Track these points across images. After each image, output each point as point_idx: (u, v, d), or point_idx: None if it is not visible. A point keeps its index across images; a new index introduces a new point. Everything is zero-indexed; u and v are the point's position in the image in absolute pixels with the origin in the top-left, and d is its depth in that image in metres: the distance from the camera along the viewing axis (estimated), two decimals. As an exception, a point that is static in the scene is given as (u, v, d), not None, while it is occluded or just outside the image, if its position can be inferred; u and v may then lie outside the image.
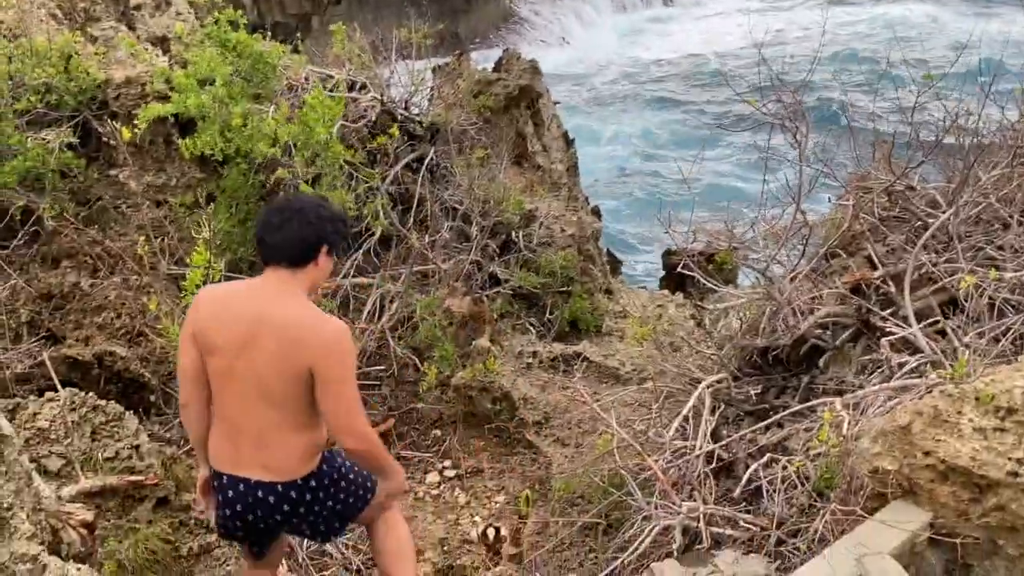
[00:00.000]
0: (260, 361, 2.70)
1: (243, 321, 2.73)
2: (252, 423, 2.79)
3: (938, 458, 2.81)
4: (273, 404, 2.75)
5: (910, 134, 4.14)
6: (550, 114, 7.83)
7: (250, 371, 2.73)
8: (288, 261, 2.75)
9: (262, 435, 2.79)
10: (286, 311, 2.71)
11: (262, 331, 2.70)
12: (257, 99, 5.46)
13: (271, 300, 2.74)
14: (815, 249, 4.26)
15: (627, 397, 4.77)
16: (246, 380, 2.74)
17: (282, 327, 2.69)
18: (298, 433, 2.80)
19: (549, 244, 6.30)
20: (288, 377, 2.70)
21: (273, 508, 2.83)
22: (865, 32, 33.34)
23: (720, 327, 5.18)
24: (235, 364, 2.74)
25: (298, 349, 2.67)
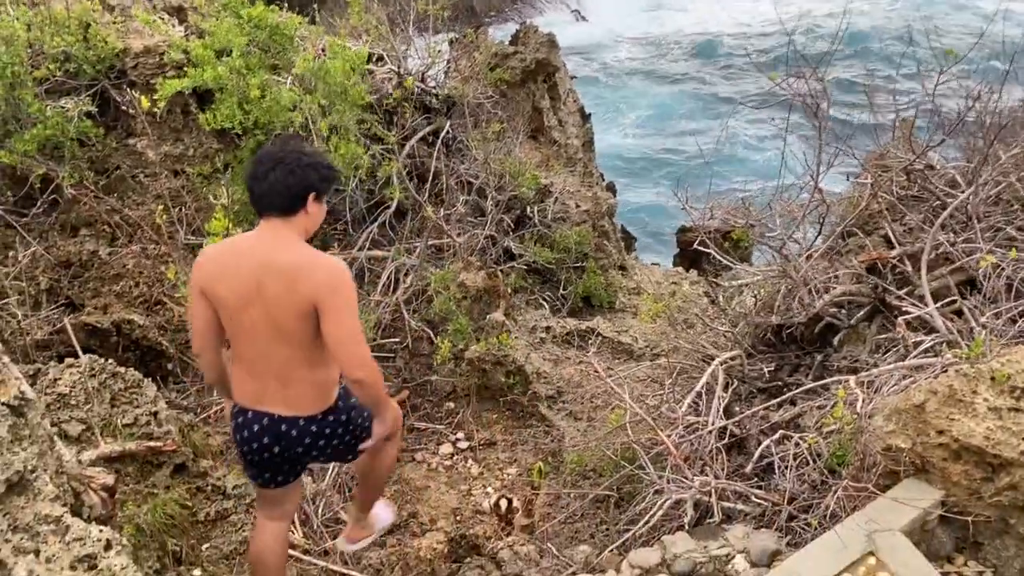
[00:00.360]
0: (270, 305, 2.85)
1: (247, 272, 2.86)
2: (271, 363, 2.95)
3: (952, 437, 2.81)
4: (288, 343, 2.90)
5: (931, 113, 4.10)
6: (566, 89, 7.79)
7: (261, 316, 2.87)
8: (278, 210, 2.86)
9: (282, 373, 2.95)
10: (285, 256, 2.84)
11: (267, 278, 2.83)
12: (274, 70, 5.46)
13: (270, 248, 2.86)
14: (832, 228, 4.24)
15: (640, 373, 4.79)
16: (259, 324, 2.89)
17: (283, 271, 2.82)
18: (313, 369, 2.96)
19: (564, 219, 6.30)
20: (296, 315, 2.83)
21: (295, 440, 3.02)
22: (888, 10, 32.89)
23: (734, 304, 5.17)
24: (246, 312, 2.88)
25: (300, 287, 2.81)
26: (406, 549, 3.82)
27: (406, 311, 5.02)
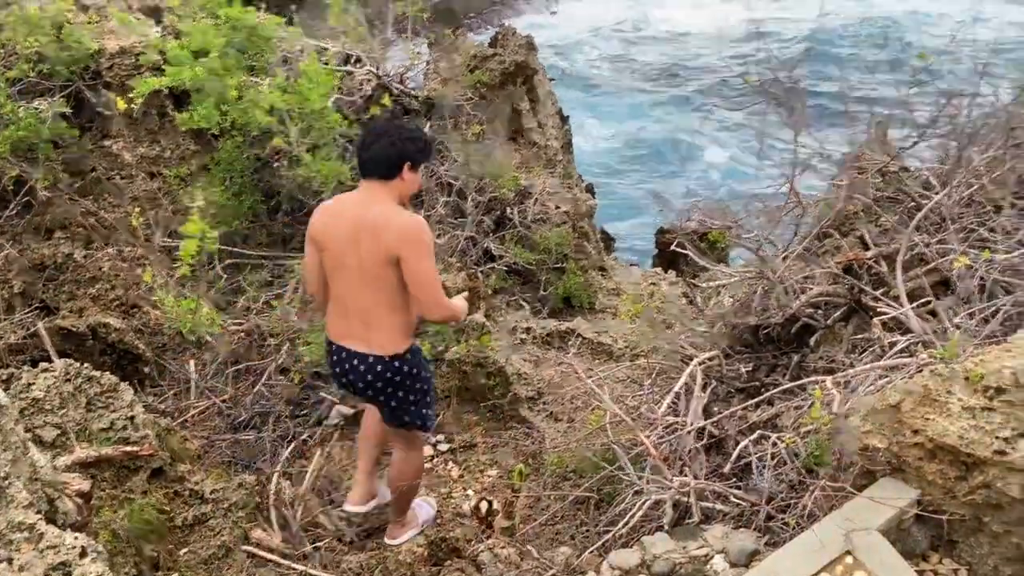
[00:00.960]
0: (361, 254, 3.36)
1: (346, 225, 3.40)
2: (359, 304, 3.46)
3: (927, 436, 2.85)
4: (373, 288, 3.41)
5: (905, 115, 4.15)
6: (545, 91, 7.80)
7: (354, 262, 3.39)
8: (378, 175, 3.38)
9: (366, 314, 3.46)
10: (377, 213, 3.34)
11: (361, 231, 3.35)
12: (252, 71, 5.43)
13: (367, 206, 3.38)
14: (808, 229, 4.28)
15: (620, 373, 4.81)
16: (352, 270, 3.42)
17: (374, 225, 3.32)
18: (393, 313, 3.46)
19: (544, 221, 6.31)
20: (382, 263, 3.34)
21: (363, 374, 3.51)
22: (863, 14, 33.23)
23: (712, 305, 5.20)
24: (342, 258, 3.42)
25: (386, 240, 3.30)
26: (385, 553, 3.81)
27: (385, 313, 5.00)
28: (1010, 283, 3.59)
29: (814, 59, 3.94)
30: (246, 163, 5.34)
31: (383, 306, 3.43)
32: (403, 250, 3.29)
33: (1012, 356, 2.87)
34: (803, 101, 4.02)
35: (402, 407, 3.61)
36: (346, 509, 4.04)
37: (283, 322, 4.88)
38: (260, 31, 5.44)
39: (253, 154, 5.34)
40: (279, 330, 4.86)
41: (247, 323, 4.96)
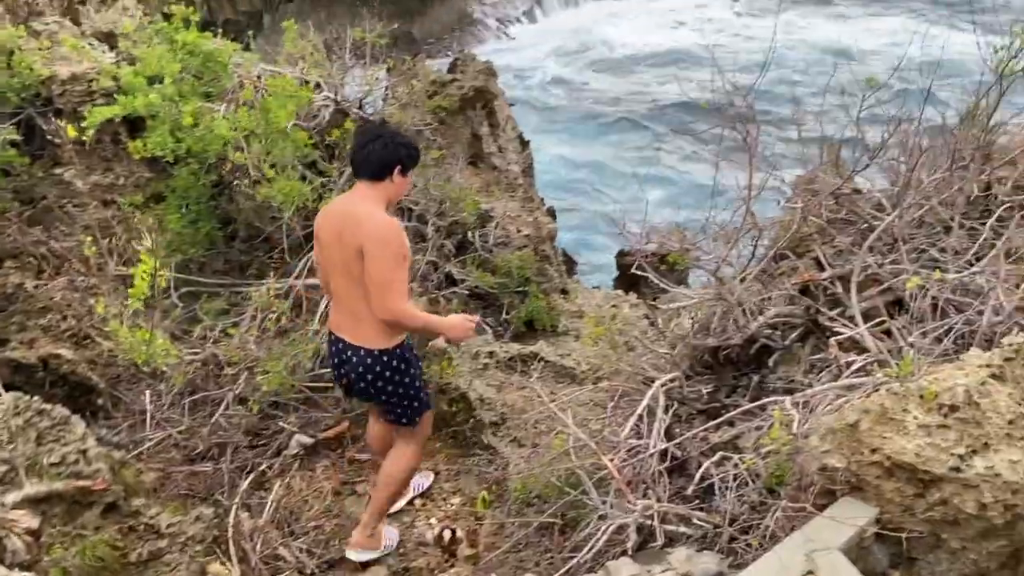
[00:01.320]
0: (345, 248, 3.53)
1: (335, 220, 3.62)
2: (347, 297, 3.64)
3: (884, 455, 2.88)
4: (356, 282, 3.54)
5: (856, 138, 4.23)
6: (505, 115, 7.85)
7: (341, 257, 3.57)
8: (369, 176, 3.58)
9: (354, 307, 3.62)
10: (360, 210, 3.54)
11: (345, 227, 3.54)
12: (208, 98, 5.38)
13: (354, 203, 3.60)
14: (765, 250, 4.33)
15: (583, 397, 4.80)
16: (339, 264, 3.60)
17: (355, 221, 3.51)
18: (372, 305, 3.52)
19: (505, 244, 6.32)
20: (356, 257, 3.48)
21: (354, 366, 3.66)
22: (814, 39, 34.12)
23: (673, 327, 5.23)
24: (333, 253, 3.63)
25: (359, 234, 3.47)
26: (348, 585, 3.75)
27: (346, 340, 4.95)
28: (962, 302, 3.66)
29: (767, 83, 4.02)
30: (202, 190, 5.27)
31: (364, 299, 3.54)
32: (367, 245, 3.44)
33: (964, 374, 2.93)
34: (757, 125, 4.09)
35: (391, 402, 3.76)
36: None
37: (241, 350, 4.81)
38: (216, 56, 5.40)
39: (210, 180, 5.28)
40: (237, 359, 4.79)
41: (204, 352, 4.88)
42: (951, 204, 4.16)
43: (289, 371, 4.65)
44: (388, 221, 3.54)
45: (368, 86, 6.03)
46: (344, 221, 3.57)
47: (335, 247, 3.60)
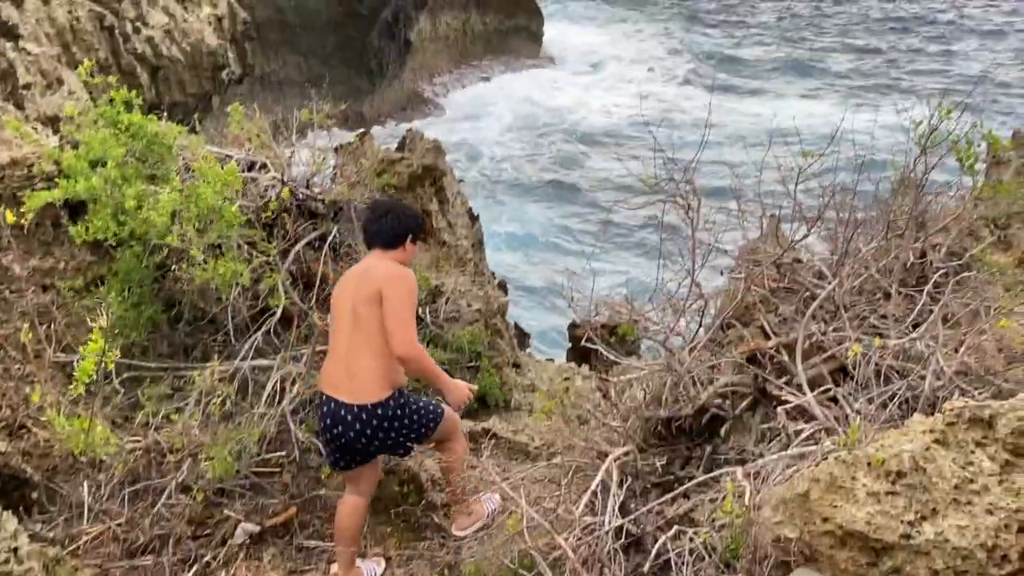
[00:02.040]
0: (358, 294, 3.86)
1: (352, 280, 4.01)
2: (346, 350, 3.85)
3: (836, 524, 2.87)
4: (359, 328, 3.81)
5: (794, 210, 4.35)
6: (454, 191, 7.92)
7: (348, 308, 3.88)
8: (384, 244, 4.06)
9: (350, 362, 3.83)
10: (377, 266, 3.98)
11: (360, 280, 3.93)
12: (152, 180, 5.34)
13: (372, 265, 4.01)
14: (712, 320, 4.38)
15: (536, 473, 4.74)
16: (345, 316, 3.89)
17: (370, 273, 3.94)
18: (375, 359, 3.80)
19: (456, 319, 6.30)
20: (368, 300, 3.80)
21: (350, 425, 3.81)
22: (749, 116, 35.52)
23: (625, 398, 5.23)
24: (341, 306, 3.96)
25: (375, 278, 3.86)
26: None
27: (293, 422, 4.85)
28: (903, 367, 3.72)
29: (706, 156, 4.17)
30: (145, 273, 5.18)
31: (366, 351, 3.80)
32: (386, 287, 3.81)
33: (909, 439, 2.95)
34: (698, 199, 4.18)
35: (398, 441, 3.98)
36: None
37: (184, 436, 4.67)
38: (161, 139, 5.38)
39: (153, 263, 5.19)
40: (180, 445, 4.65)
41: (145, 440, 4.73)
42: (889, 271, 4.27)
43: (234, 456, 4.53)
44: (405, 269, 4.01)
45: (315, 165, 6.04)
46: (360, 277, 3.99)
47: (345, 301, 3.94)
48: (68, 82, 7.15)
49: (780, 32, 52.83)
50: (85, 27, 18.76)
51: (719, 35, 52.38)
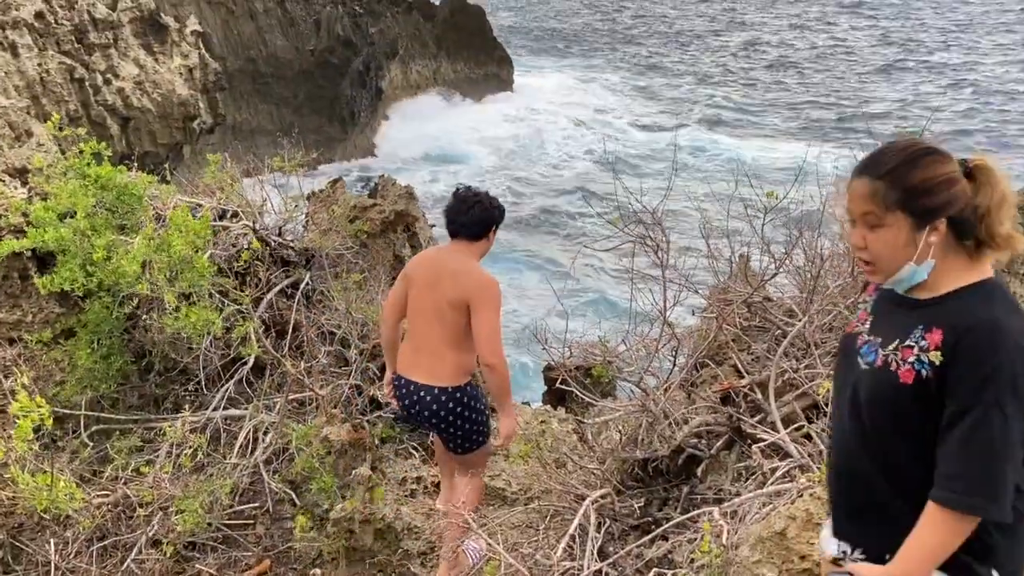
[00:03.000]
0: (438, 296, 4.02)
1: (434, 269, 4.10)
2: (429, 339, 4.08)
3: (814, 561, 2.86)
4: (444, 325, 4.03)
5: (763, 249, 4.41)
6: (427, 237, 7.94)
7: (432, 303, 4.05)
8: (469, 236, 4.11)
9: (434, 349, 4.06)
10: (460, 264, 4.06)
11: (443, 276, 4.04)
12: (122, 230, 5.31)
13: (453, 258, 4.10)
14: (685, 360, 4.41)
15: (514, 519, 4.69)
16: (429, 309, 4.07)
17: (455, 272, 4.02)
18: (456, 351, 4.06)
19: (430, 365, 6.26)
20: (455, 306, 3.99)
21: (429, 403, 4.08)
22: (711, 150, 36.16)
23: (602, 440, 5.22)
24: (424, 297, 4.08)
25: (464, 286, 3.97)
26: None
27: (266, 472, 4.78)
28: (874, 402, 3.75)
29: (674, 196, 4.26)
30: (115, 323, 5.13)
31: (449, 344, 4.04)
32: (476, 299, 3.95)
33: (883, 475, 2.97)
34: (667, 240, 4.23)
35: (461, 433, 4.16)
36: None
37: (155, 489, 4.58)
38: (131, 189, 5.36)
39: (123, 314, 5.14)
40: (150, 498, 4.55)
41: (114, 494, 4.63)
42: (855, 308, 4.32)
43: (206, 509, 4.44)
44: (491, 278, 4.05)
45: (287, 213, 6.05)
46: (441, 272, 4.06)
47: (427, 294, 4.07)
48: (37, 134, 7.13)
49: (744, 75, 54.17)
50: (55, 79, 18.76)
51: (691, 81, 53.59)
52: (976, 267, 2.09)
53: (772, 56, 60.35)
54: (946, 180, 2.04)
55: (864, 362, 2.15)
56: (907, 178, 2.04)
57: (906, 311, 2.12)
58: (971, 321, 1.99)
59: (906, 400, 2.04)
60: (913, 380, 2.03)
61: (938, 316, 2.04)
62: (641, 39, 69.64)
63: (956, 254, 2.08)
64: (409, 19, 44.29)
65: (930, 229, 2.04)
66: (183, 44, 21.86)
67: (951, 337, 1.99)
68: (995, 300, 2.04)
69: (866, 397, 2.12)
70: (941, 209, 2.03)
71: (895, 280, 2.12)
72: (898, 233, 2.05)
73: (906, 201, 2.03)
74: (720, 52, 62.38)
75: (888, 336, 2.12)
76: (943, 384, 1.99)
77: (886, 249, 2.08)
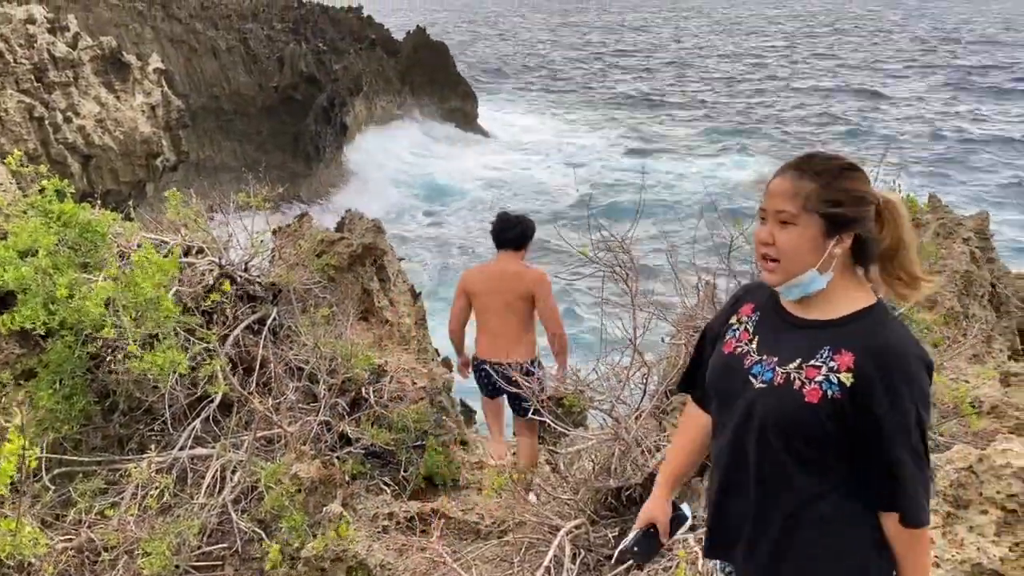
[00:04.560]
0: (506, 293, 5.54)
1: (495, 277, 5.64)
2: (506, 328, 5.56)
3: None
4: (516, 315, 5.53)
5: (728, 276, 4.46)
6: (395, 270, 7.93)
7: (502, 300, 5.55)
8: (514, 247, 5.63)
9: (510, 334, 5.56)
10: (516, 267, 5.60)
11: (505, 279, 5.57)
12: (86, 268, 5.23)
13: (508, 265, 5.62)
14: (655, 387, 4.42)
15: (488, 553, 4.65)
16: (500, 306, 5.56)
17: (516, 274, 5.56)
18: (526, 332, 5.60)
19: (401, 398, 6.21)
20: (521, 297, 5.51)
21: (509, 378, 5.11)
22: (672, 182, 36.69)
23: (575, 470, 5.20)
24: (492, 299, 5.59)
25: (526, 282, 5.51)
26: None
27: (234, 511, 4.69)
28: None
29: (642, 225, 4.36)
30: (78, 363, 5.03)
31: (520, 327, 5.53)
32: (537, 291, 5.46)
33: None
34: (635, 269, 4.27)
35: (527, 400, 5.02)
36: None
37: (120, 532, 4.47)
38: (94, 227, 5.29)
39: (86, 353, 5.05)
40: (115, 542, 4.44)
41: (78, 538, 4.51)
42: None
43: (173, 551, 4.34)
44: (543, 272, 5.50)
45: (253, 248, 6.00)
46: (502, 276, 5.57)
47: (494, 295, 5.56)
48: (-4, 173, 7.03)
49: (710, 108, 55.27)
50: (14, 118, 18.54)
51: (650, 113, 54.50)
52: (865, 290, 2.17)
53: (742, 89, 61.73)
54: (864, 199, 2.14)
55: (759, 381, 2.18)
56: (833, 185, 2.12)
57: (803, 331, 2.17)
58: (880, 344, 2.06)
59: (809, 418, 2.08)
60: (819, 400, 2.08)
61: (846, 338, 2.10)
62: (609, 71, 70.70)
63: (852, 275, 2.17)
64: (373, 55, 44.55)
65: (838, 240, 2.12)
66: (145, 82, 21.75)
67: (863, 359, 2.05)
68: (892, 323, 2.12)
69: (764, 414, 2.15)
70: (853, 223, 2.12)
71: (792, 283, 2.15)
72: (806, 234, 2.11)
73: (826, 206, 2.10)
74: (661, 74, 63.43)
75: (785, 355, 2.16)
76: (853, 404, 2.05)
77: (792, 248, 2.12)
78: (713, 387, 2.35)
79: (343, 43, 41.80)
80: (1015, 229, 30.64)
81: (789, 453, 2.12)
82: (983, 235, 7.94)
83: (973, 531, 3.23)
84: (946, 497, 3.33)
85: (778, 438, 2.13)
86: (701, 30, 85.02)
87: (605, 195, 31.93)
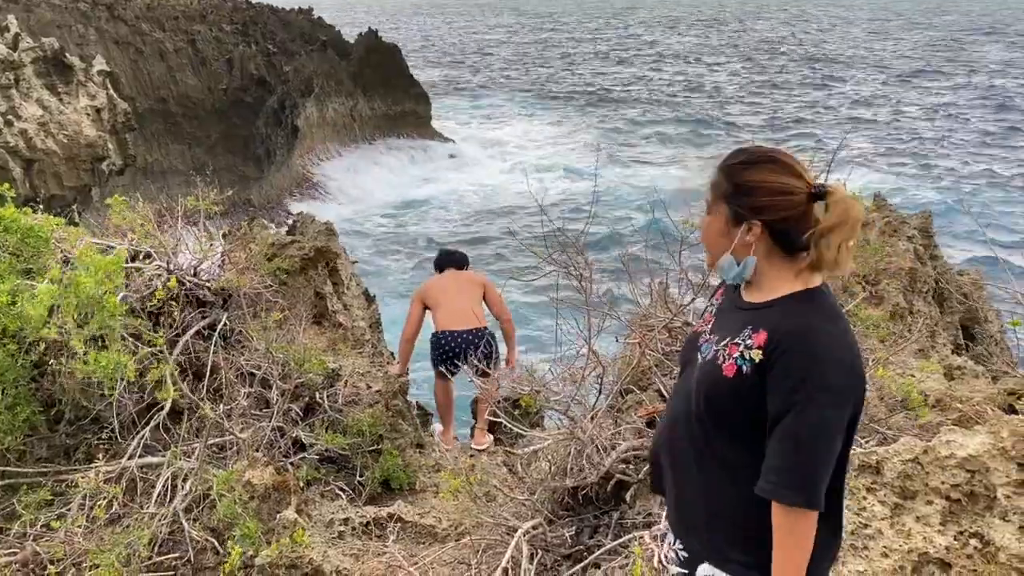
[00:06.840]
0: (463, 282, 7.02)
1: (448, 278, 7.10)
2: (462, 304, 6.76)
3: (743, 579, 2.90)
4: (471, 295, 6.84)
5: (680, 274, 4.51)
6: (348, 273, 7.86)
7: (457, 286, 6.95)
8: (458, 267, 7.18)
9: (467, 309, 6.71)
10: (466, 275, 7.14)
11: (460, 280, 7.04)
12: (28, 274, 5.10)
13: (458, 276, 7.13)
14: (611, 386, 4.45)
15: (446, 556, 4.63)
16: (454, 289, 6.93)
17: (467, 275, 7.18)
18: (478, 307, 6.83)
19: (356, 403, 6.16)
20: (476, 284, 6.97)
21: (472, 339, 6.66)
22: (626, 182, 37.03)
23: (531, 471, 5.21)
24: (448, 287, 6.99)
25: (475, 281, 7.05)
26: None
27: (186, 520, 4.60)
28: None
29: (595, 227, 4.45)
30: (20, 372, 4.89)
31: (474, 303, 6.79)
32: (486, 282, 7.06)
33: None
34: (590, 270, 4.29)
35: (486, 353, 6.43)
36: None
37: (67, 545, 4.35)
38: (36, 232, 5.16)
39: (29, 361, 4.91)
40: (62, 555, 4.33)
41: (23, 551, 4.38)
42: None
43: (123, 562, 4.24)
44: (484, 275, 7.14)
45: (202, 252, 5.90)
46: (456, 276, 7.10)
47: (450, 285, 6.99)
48: (-67, 177, 6.83)
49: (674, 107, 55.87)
50: (-49, 121, 17.98)
51: (614, 116, 54.94)
52: (804, 277, 2.26)
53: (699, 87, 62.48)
54: (772, 189, 2.23)
55: (701, 357, 2.35)
56: (736, 176, 2.26)
57: (741, 312, 2.32)
58: (789, 326, 2.17)
59: (725, 391, 2.23)
60: (733, 374, 2.22)
61: (764, 319, 2.22)
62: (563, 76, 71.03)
63: (781, 261, 2.27)
64: (324, 57, 44.11)
65: (746, 227, 2.24)
66: (90, 84, 21.26)
67: (772, 339, 2.17)
68: (814, 307, 2.21)
69: (695, 388, 2.32)
70: (757, 211, 2.23)
71: (718, 267, 2.35)
72: (717, 221, 2.30)
73: (730, 195, 2.26)
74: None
75: (722, 334, 2.31)
76: (762, 381, 2.17)
77: (708, 234, 2.35)
78: (679, 360, 2.58)
79: (293, 44, 41.34)
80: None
81: (713, 423, 2.27)
82: (927, 233, 8.15)
83: (919, 521, 3.31)
84: (893, 488, 3.41)
85: (706, 409, 2.28)
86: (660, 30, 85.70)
87: (563, 197, 32.05)
